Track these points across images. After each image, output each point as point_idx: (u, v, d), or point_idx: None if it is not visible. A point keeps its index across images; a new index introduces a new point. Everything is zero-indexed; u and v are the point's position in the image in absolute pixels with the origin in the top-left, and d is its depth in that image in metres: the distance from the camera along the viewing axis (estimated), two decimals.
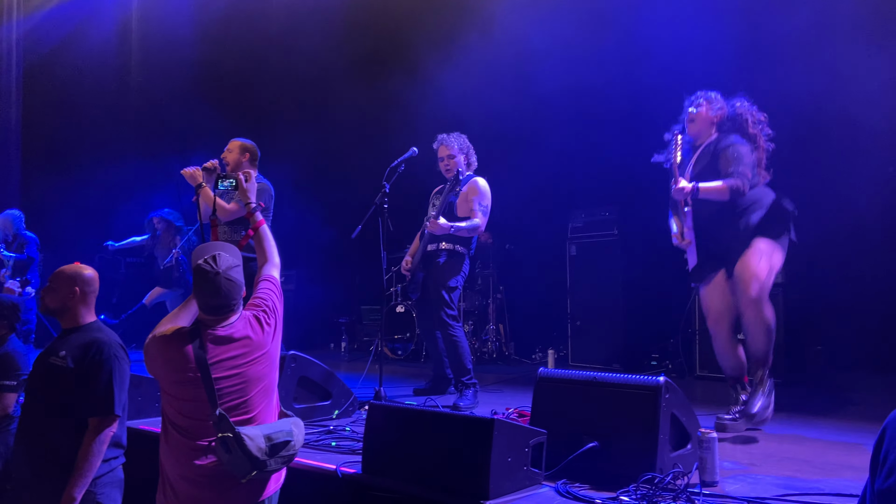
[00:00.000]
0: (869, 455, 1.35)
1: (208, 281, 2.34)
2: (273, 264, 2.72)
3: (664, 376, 2.74)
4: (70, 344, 2.82)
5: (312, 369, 3.92)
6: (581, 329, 6.48)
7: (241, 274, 2.43)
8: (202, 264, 2.36)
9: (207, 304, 2.38)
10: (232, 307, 2.40)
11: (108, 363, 2.76)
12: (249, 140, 4.67)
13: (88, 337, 2.84)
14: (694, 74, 5.63)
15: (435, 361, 4.86)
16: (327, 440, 3.36)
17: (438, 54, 7.02)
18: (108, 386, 2.74)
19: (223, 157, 4.59)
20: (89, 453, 2.66)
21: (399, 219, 4.75)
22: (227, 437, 2.19)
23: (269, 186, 4.53)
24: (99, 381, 2.73)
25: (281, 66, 8.98)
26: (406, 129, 5.98)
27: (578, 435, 2.76)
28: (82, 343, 2.81)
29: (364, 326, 8.52)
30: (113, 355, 2.79)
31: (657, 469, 2.56)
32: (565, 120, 6.65)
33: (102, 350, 2.78)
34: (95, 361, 2.75)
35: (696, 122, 3.89)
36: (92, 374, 2.74)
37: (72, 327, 2.90)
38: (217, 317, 2.38)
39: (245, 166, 4.55)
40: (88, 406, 2.72)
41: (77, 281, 2.91)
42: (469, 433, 2.52)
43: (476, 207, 4.54)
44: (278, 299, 2.58)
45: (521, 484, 2.55)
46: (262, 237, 2.78)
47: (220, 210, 4.20)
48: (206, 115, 8.58)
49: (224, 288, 2.34)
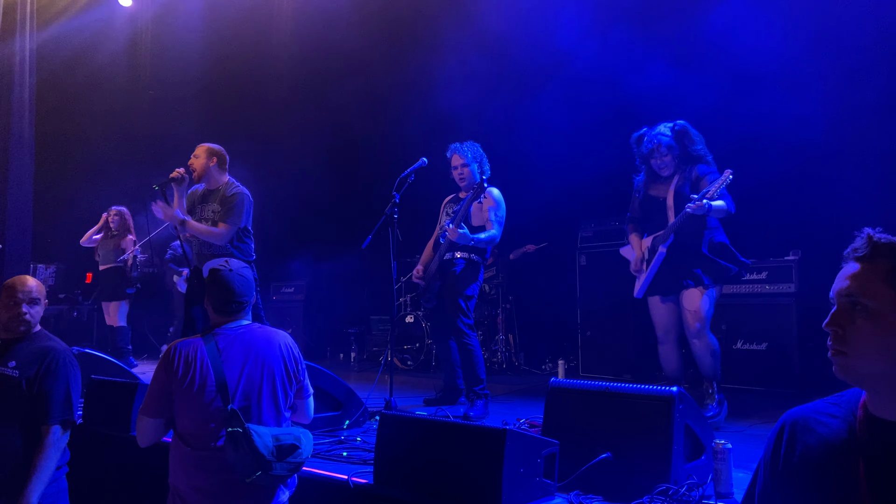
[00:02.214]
0: None
1: (223, 278, 2.48)
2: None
3: (678, 386, 2.72)
4: (20, 353, 2.83)
5: (323, 379, 3.92)
6: (591, 339, 6.46)
7: (251, 274, 2.58)
8: (216, 266, 2.52)
9: (221, 300, 2.49)
10: (243, 305, 2.52)
11: (64, 371, 2.80)
12: (217, 144, 4.65)
13: (41, 346, 2.85)
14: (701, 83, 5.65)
15: (446, 371, 4.85)
16: (338, 450, 3.35)
17: (448, 64, 7.05)
18: (67, 393, 2.79)
19: (190, 163, 4.58)
20: (47, 458, 2.69)
21: (408, 229, 4.76)
22: (236, 432, 2.23)
23: (243, 193, 4.51)
24: (57, 389, 2.76)
25: (292, 77, 9.05)
26: (415, 139, 6.00)
27: (591, 446, 2.73)
28: (36, 352, 2.83)
29: (374, 336, 8.51)
30: (69, 363, 2.84)
31: (671, 480, 2.53)
32: (575, 129, 6.65)
33: (58, 358, 2.82)
34: (53, 369, 2.78)
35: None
36: (50, 381, 2.76)
37: (18, 337, 2.89)
38: (229, 316, 2.50)
39: (213, 171, 4.54)
40: (45, 414, 2.73)
41: (39, 293, 2.94)
42: (481, 444, 2.50)
43: (492, 218, 4.54)
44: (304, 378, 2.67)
45: (533, 495, 2.53)
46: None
47: (192, 229, 4.38)
48: (217, 127, 8.64)
49: (237, 284, 2.49)
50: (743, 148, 5.60)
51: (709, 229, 4.01)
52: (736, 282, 5.46)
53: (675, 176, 4.05)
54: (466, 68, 7.00)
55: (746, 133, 5.77)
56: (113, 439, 3.68)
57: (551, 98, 6.50)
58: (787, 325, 5.19)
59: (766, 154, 5.55)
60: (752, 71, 5.76)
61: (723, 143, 5.51)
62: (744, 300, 5.44)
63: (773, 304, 5.28)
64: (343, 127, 8.59)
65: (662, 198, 4.08)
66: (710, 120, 5.49)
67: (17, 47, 9.05)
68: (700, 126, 4.15)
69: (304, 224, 8.89)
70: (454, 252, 4.58)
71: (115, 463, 3.74)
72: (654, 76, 5.94)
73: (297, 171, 8.47)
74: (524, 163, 6.71)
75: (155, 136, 10.31)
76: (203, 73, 9.62)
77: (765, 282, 5.36)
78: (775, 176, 5.33)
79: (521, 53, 6.79)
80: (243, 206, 4.45)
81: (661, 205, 4.09)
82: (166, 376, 2.39)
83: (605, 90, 6.22)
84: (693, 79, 5.68)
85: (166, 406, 2.40)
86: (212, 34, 9.46)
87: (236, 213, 4.41)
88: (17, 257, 8.73)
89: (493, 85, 7.16)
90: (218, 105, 9.38)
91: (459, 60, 6.95)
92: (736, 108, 5.72)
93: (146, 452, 3.41)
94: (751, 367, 5.32)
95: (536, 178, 6.51)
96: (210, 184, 4.57)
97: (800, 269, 5.23)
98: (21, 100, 9.13)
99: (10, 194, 8.89)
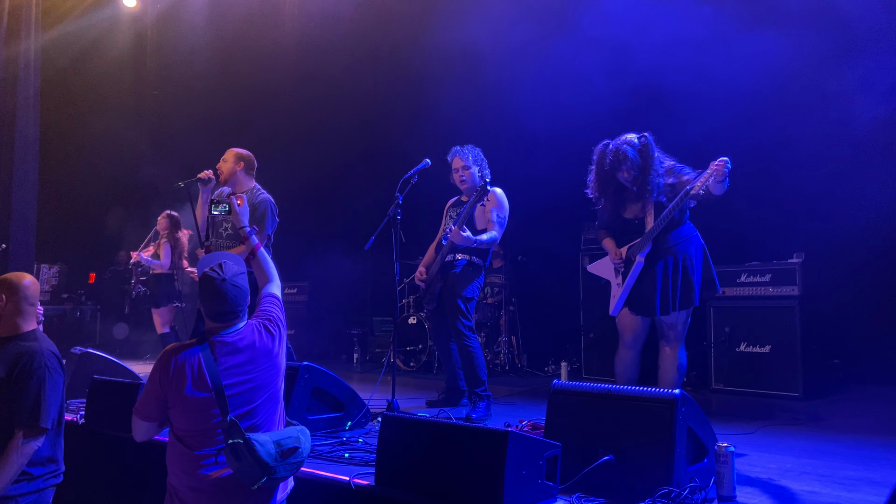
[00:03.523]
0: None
1: (215, 288, 2.39)
2: (274, 284, 2.76)
3: (680, 389, 2.72)
4: (2, 354, 2.80)
5: (326, 380, 3.92)
6: (594, 341, 6.44)
7: (246, 281, 2.49)
8: (209, 272, 2.42)
9: (214, 310, 2.42)
10: (238, 314, 2.45)
11: (37, 373, 2.72)
12: (245, 150, 4.65)
13: (21, 346, 2.81)
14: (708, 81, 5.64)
15: (448, 373, 4.85)
16: (340, 451, 3.34)
17: (451, 64, 7.05)
18: (37, 397, 2.69)
19: (218, 167, 4.59)
20: (8, 463, 2.62)
21: (411, 230, 4.75)
22: (237, 444, 2.20)
23: (268, 199, 4.51)
24: (27, 391, 2.69)
25: (295, 77, 9.05)
26: (418, 140, 5.99)
27: (593, 448, 2.73)
28: (15, 352, 2.79)
29: (376, 338, 8.51)
30: (44, 365, 2.75)
31: (674, 483, 2.53)
32: (578, 130, 6.64)
33: (33, 360, 2.75)
34: (25, 371, 2.71)
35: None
36: (21, 384, 2.70)
37: (7, 336, 2.87)
38: (223, 324, 2.43)
39: (240, 176, 4.55)
40: (15, 417, 2.68)
41: (5, 289, 2.88)
42: (483, 445, 2.50)
43: (494, 219, 4.53)
44: (281, 313, 2.62)
45: (535, 497, 2.53)
46: (260, 261, 2.82)
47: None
48: (220, 126, 8.65)
49: (230, 294, 2.40)
50: (745, 152, 5.61)
51: (685, 241, 3.72)
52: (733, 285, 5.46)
53: (650, 187, 3.69)
54: (473, 67, 6.99)
55: (748, 137, 5.78)
56: (115, 439, 3.68)
57: (556, 98, 6.48)
58: (791, 328, 5.17)
59: (769, 157, 5.55)
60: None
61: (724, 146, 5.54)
62: (747, 302, 5.43)
63: (777, 307, 5.26)
64: (349, 126, 8.60)
65: (640, 218, 3.79)
66: (714, 125, 5.53)
67: (23, 48, 9.09)
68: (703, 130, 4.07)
69: (307, 225, 8.89)
70: (455, 254, 4.58)
71: (117, 462, 3.74)
72: (654, 73, 5.93)
73: (301, 171, 8.48)
74: (527, 165, 6.71)
75: (159, 135, 10.35)
76: (207, 73, 9.64)
77: (768, 284, 5.34)
78: (779, 179, 5.32)
79: (527, 53, 6.78)
80: (266, 214, 4.43)
81: (638, 227, 3.79)
82: (160, 386, 2.35)
83: (611, 88, 6.19)
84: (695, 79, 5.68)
85: (159, 412, 2.38)
86: (216, 34, 9.49)
87: (262, 222, 4.39)
88: (22, 257, 8.76)
89: (494, 85, 7.16)
90: (221, 104, 9.39)
91: (467, 58, 6.94)
92: (739, 114, 5.72)
93: (148, 452, 3.43)
94: (754, 370, 5.30)
95: (540, 180, 6.50)
96: (236, 188, 4.59)
97: (803, 272, 5.22)
98: (26, 99, 9.17)
99: (15, 194, 8.93)
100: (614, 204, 3.89)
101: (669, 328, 3.77)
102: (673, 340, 3.78)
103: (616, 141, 3.79)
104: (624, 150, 3.71)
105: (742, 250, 5.70)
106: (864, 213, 5.39)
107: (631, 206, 3.84)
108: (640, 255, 3.73)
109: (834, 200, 5.50)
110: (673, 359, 3.77)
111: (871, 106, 5.27)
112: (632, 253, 3.79)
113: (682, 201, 3.60)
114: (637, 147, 3.72)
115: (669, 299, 3.68)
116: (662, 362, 3.82)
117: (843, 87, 5.29)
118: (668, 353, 3.79)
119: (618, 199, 3.88)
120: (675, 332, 3.77)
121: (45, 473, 2.80)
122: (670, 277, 3.68)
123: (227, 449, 2.23)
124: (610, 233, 3.99)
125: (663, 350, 3.82)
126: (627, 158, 3.69)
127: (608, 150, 3.80)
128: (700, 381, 5.71)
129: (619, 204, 3.88)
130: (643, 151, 3.70)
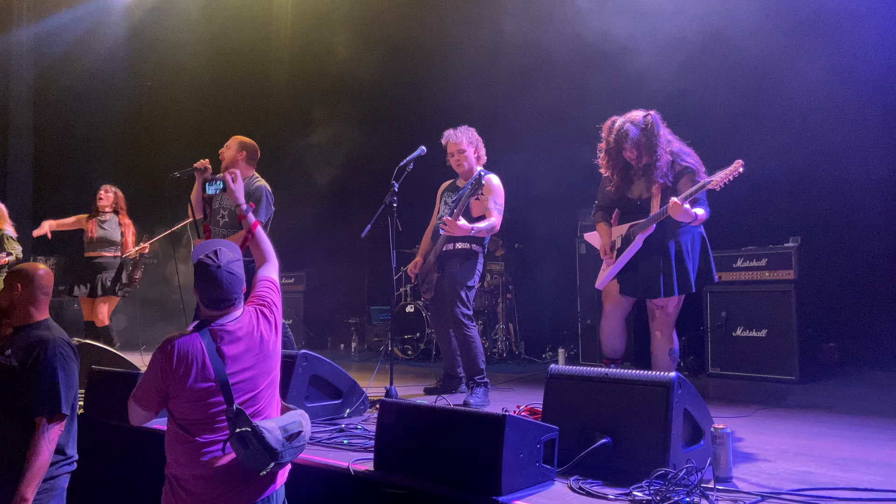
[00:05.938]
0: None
1: (210, 275, 2.37)
2: (271, 266, 2.73)
3: (676, 372, 2.73)
4: (16, 342, 2.82)
5: (324, 368, 3.93)
6: (591, 327, 6.45)
7: (241, 268, 2.46)
8: (204, 259, 2.39)
9: (209, 297, 2.40)
10: (233, 301, 2.43)
11: (52, 361, 2.75)
12: (249, 139, 4.63)
13: (34, 335, 2.83)
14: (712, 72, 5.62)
15: (446, 360, 4.85)
16: (339, 438, 3.36)
17: (449, 51, 7.02)
18: (54, 384, 2.72)
19: (220, 153, 4.57)
20: (38, 452, 2.65)
21: (407, 218, 4.74)
22: (244, 432, 2.20)
23: (264, 186, 4.48)
24: (43, 379, 2.71)
25: (291, 67, 9.02)
26: (413, 126, 5.98)
27: (590, 431, 2.75)
28: (28, 341, 2.81)
29: (374, 327, 8.53)
30: (58, 353, 2.78)
31: (670, 465, 2.54)
32: (574, 117, 6.63)
33: (47, 348, 2.76)
34: (41, 360, 2.74)
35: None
36: (36, 372, 2.72)
37: (21, 325, 2.89)
38: (220, 311, 2.41)
39: (241, 164, 4.51)
40: (35, 405, 2.71)
41: (20, 279, 2.90)
42: (481, 429, 2.51)
43: (491, 206, 4.50)
44: (277, 297, 2.60)
45: (533, 480, 2.54)
46: (258, 240, 2.78)
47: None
48: (214, 117, 8.62)
49: (225, 281, 2.38)
50: (743, 135, 5.60)
51: (687, 228, 3.65)
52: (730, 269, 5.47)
53: (656, 168, 3.62)
54: (472, 56, 6.97)
55: (746, 120, 5.77)
56: (113, 429, 3.69)
57: (551, 86, 6.47)
58: (787, 312, 5.18)
59: (766, 141, 5.54)
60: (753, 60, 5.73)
61: (722, 130, 5.53)
62: (744, 287, 5.44)
63: (773, 291, 5.27)
64: (344, 115, 8.56)
65: (644, 199, 3.73)
66: (713, 107, 5.52)
67: (15, 40, 9.03)
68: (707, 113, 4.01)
69: (304, 214, 8.87)
70: (454, 243, 4.56)
71: (116, 452, 3.75)
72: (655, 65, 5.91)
73: (296, 160, 8.45)
74: (523, 151, 6.69)
75: (153, 125, 10.30)
76: (200, 64, 9.59)
77: (764, 268, 5.35)
78: (775, 162, 5.31)
79: (523, 41, 6.75)
80: (262, 200, 4.40)
81: (641, 207, 3.74)
82: (162, 377, 2.32)
83: (608, 73, 6.16)
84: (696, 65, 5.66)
85: (159, 402, 2.37)
86: (209, 24, 9.43)
87: (257, 208, 4.35)
88: None
89: (494, 72, 7.13)
90: (215, 95, 9.35)
91: (466, 45, 6.90)
92: (737, 97, 5.71)
93: (148, 442, 3.44)
94: (750, 354, 5.32)
95: (536, 167, 6.49)
96: None
97: (800, 256, 5.23)
98: (19, 92, 9.13)
99: (10, 186, 8.89)
100: (622, 181, 3.82)
101: (661, 311, 3.72)
102: (664, 325, 3.72)
103: (623, 117, 3.73)
104: (626, 128, 3.63)
105: (738, 234, 5.70)
106: (861, 198, 5.40)
107: (636, 184, 3.78)
108: (641, 235, 3.66)
109: (831, 184, 5.51)
110: (665, 343, 3.73)
111: (866, 88, 5.28)
112: (632, 232, 3.73)
113: (695, 192, 3.48)
114: (640, 125, 3.63)
115: (662, 283, 3.62)
116: (654, 348, 3.77)
117: (836, 68, 5.27)
118: (658, 338, 3.75)
119: (625, 177, 3.82)
120: (666, 316, 3.71)
121: (59, 461, 2.82)
122: (672, 262, 3.62)
123: (233, 438, 2.23)
124: (607, 214, 3.94)
125: (654, 335, 3.78)
126: (628, 137, 3.62)
127: (613, 126, 3.75)
128: (697, 366, 5.73)
129: (627, 181, 3.82)
130: (647, 130, 3.62)
